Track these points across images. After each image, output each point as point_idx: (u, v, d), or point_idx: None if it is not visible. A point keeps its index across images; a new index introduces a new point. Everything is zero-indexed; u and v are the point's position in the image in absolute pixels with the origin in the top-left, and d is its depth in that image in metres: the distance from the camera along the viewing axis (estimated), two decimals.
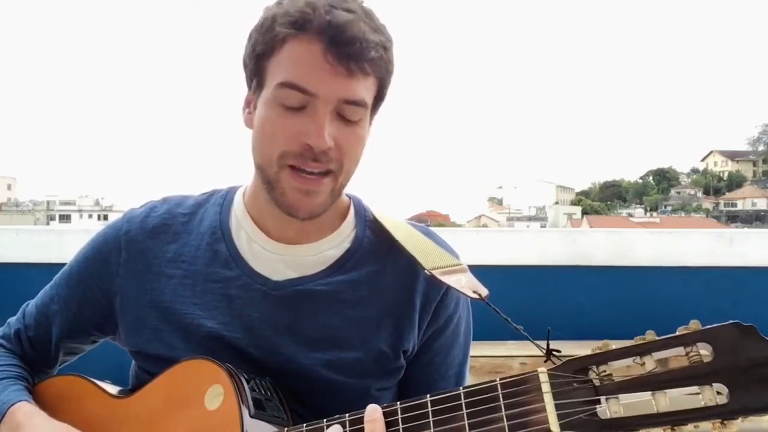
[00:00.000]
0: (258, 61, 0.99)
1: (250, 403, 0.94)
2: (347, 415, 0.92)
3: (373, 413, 0.88)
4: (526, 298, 2.72)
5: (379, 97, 1.02)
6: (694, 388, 0.75)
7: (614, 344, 0.80)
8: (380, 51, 0.97)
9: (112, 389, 1.10)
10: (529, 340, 0.94)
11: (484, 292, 1.02)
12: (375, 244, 1.09)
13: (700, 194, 74.23)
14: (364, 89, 0.98)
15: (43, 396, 1.11)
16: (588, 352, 0.81)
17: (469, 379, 1.17)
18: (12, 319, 1.20)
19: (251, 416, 0.93)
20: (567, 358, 0.82)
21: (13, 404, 1.04)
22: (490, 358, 2.43)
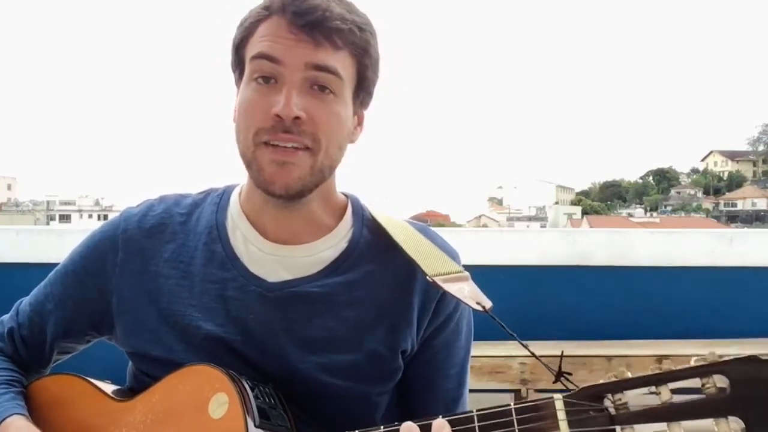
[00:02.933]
0: (237, 52, 1.04)
1: (255, 412, 0.92)
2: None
3: (410, 429, 0.87)
4: (526, 298, 2.72)
5: (360, 81, 1.03)
6: (710, 421, 0.74)
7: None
8: (349, 25, 0.99)
9: (109, 389, 1.08)
10: (537, 358, 0.94)
11: (488, 304, 1.01)
12: (372, 244, 1.08)
13: (700, 194, 74.19)
14: (336, 61, 0.99)
15: (38, 397, 1.09)
16: (588, 352, 0.81)
17: (469, 380, 1.17)
18: (5, 317, 1.18)
19: (256, 426, 0.91)
20: (582, 385, 0.81)
21: (5, 418, 1.02)
22: (490, 358, 2.42)
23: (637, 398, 0.78)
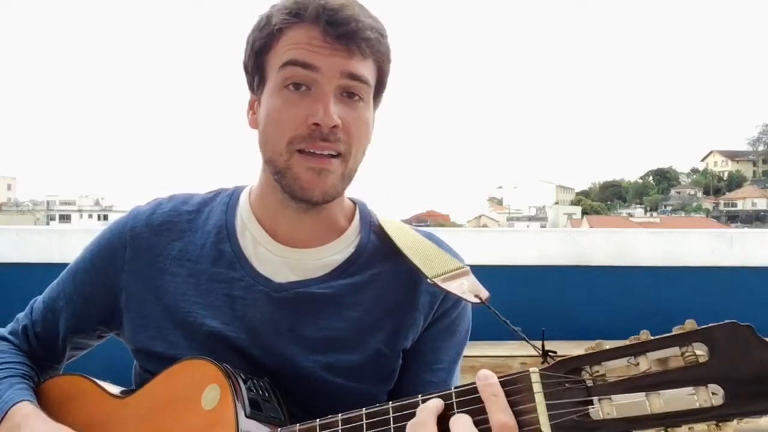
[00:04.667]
0: (258, 58, 1.02)
1: (246, 403, 0.94)
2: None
3: (489, 377, 0.81)
4: (526, 298, 2.71)
5: (379, 85, 1.05)
6: (689, 389, 0.73)
7: (609, 344, 0.78)
8: (376, 34, 1.00)
9: (115, 389, 1.10)
10: (526, 340, 0.93)
11: (485, 294, 1.02)
12: (379, 249, 1.09)
13: (700, 194, 74.26)
14: (365, 69, 1.00)
15: (46, 395, 1.11)
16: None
17: (467, 380, 1.16)
18: (20, 315, 1.21)
19: (247, 416, 0.93)
20: (560, 358, 0.80)
21: (14, 404, 1.03)
22: (490, 358, 2.42)
23: (615, 369, 0.76)
